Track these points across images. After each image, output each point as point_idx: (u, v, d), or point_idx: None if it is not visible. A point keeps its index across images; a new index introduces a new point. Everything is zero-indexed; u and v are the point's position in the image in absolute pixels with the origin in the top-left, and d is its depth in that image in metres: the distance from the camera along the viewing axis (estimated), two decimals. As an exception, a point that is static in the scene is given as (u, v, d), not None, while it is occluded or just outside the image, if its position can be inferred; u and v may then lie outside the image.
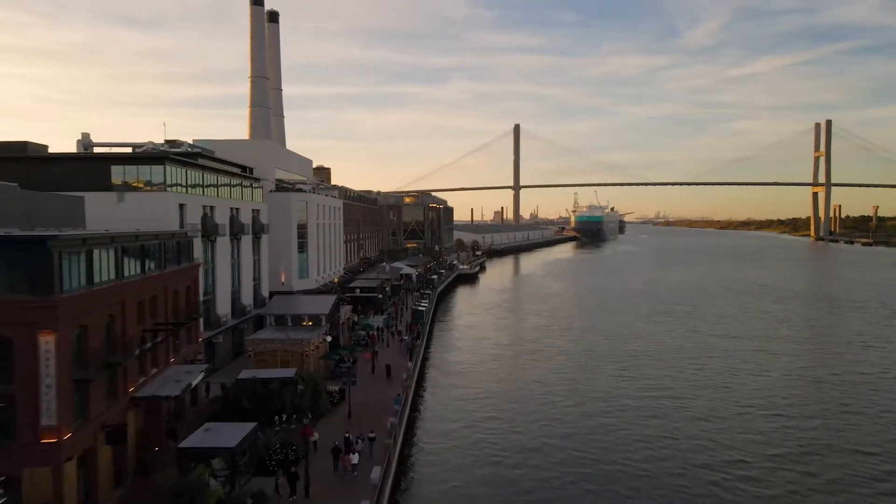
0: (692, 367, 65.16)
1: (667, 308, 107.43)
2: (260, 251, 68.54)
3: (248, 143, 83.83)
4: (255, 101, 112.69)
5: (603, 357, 69.92)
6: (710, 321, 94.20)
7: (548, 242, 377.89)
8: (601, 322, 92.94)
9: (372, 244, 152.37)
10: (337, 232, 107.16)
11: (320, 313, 56.00)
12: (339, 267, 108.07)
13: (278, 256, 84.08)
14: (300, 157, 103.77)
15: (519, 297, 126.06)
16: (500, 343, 78.81)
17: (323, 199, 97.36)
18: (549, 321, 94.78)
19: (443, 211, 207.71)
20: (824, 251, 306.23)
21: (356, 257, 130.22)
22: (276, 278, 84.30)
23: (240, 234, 60.76)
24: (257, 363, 50.08)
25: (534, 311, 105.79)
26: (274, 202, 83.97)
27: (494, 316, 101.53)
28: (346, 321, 67.76)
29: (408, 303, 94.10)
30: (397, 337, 70.32)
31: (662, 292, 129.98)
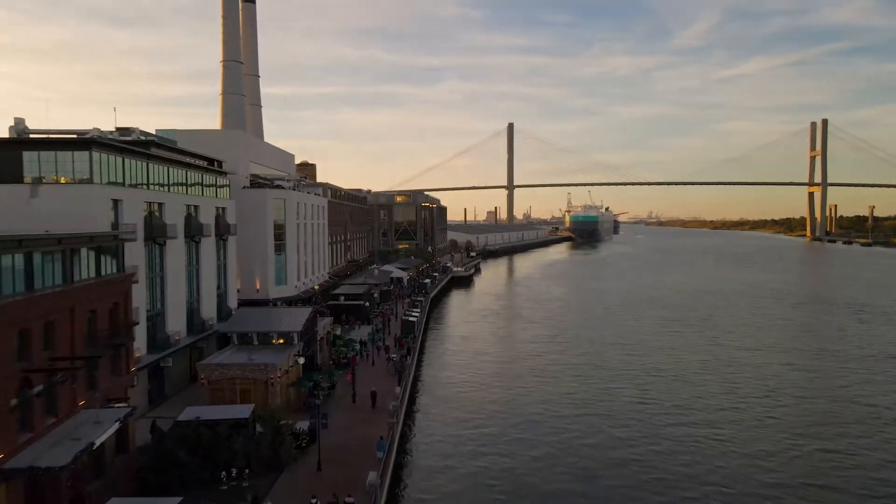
0: (723, 390, 56.69)
1: (679, 315, 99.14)
2: (226, 255, 59.57)
3: (217, 133, 74.93)
4: (228, 87, 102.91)
5: (619, 376, 61.34)
6: (729, 330, 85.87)
7: (542, 243, 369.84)
8: (610, 332, 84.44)
9: (361, 246, 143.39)
10: (321, 233, 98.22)
11: (292, 330, 47.10)
12: (323, 271, 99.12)
13: (252, 261, 75.13)
14: (280, 150, 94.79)
15: (517, 302, 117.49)
16: (501, 359, 70.10)
17: (305, 197, 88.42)
18: (553, 331, 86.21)
19: (436, 210, 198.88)
20: (824, 252, 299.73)
21: (343, 260, 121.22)
22: (249, 285, 75.33)
23: (199, 236, 51.77)
24: (211, 395, 41.17)
25: (535, 318, 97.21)
26: (247, 200, 75.01)
27: (492, 325, 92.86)
28: (326, 335, 58.90)
29: (398, 311, 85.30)
30: (384, 353, 61.49)
31: (670, 297, 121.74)
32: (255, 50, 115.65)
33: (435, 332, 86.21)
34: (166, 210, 46.12)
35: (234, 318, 49.64)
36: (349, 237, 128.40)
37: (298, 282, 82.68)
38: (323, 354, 56.99)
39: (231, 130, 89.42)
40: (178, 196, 48.95)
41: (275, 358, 43.59)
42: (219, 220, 57.39)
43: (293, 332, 47.02)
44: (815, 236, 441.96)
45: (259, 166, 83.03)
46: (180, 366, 46.68)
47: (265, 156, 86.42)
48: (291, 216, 79.84)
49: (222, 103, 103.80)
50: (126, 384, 34.60)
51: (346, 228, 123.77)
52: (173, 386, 46.28)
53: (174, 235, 46.08)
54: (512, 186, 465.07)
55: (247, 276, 75.04)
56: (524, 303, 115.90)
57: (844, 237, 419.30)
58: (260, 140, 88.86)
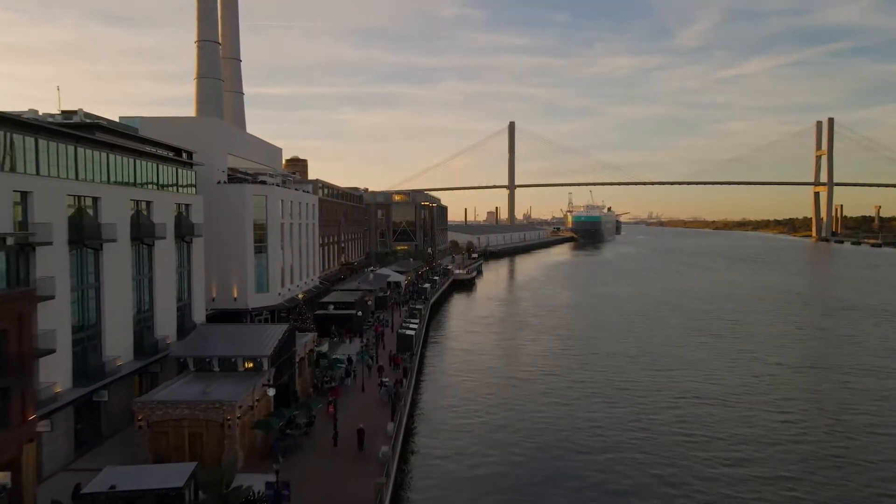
0: (777, 420, 47.92)
1: (703, 323, 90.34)
2: (190, 260, 50.69)
3: (187, 121, 66.18)
4: (203, 70, 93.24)
5: (650, 401, 52.51)
6: (764, 343, 77.05)
7: (544, 243, 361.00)
8: (631, 344, 75.65)
9: (356, 247, 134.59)
10: (310, 234, 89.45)
11: (260, 354, 38.26)
12: (312, 276, 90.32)
13: (229, 265, 66.39)
14: (265, 143, 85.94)
15: (523, 308, 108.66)
16: (511, 378, 61.21)
17: (291, 194, 79.65)
18: (566, 343, 77.40)
19: (436, 210, 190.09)
20: (834, 253, 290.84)
21: (336, 263, 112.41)
22: (226, 293, 66.59)
23: (151, 238, 42.93)
24: (152, 441, 32.35)
25: (544, 328, 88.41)
26: (223, 196, 66.26)
27: (498, 335, 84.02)
28: (309, 355, 50.08)
29: (394, 321, 76.47)
30: (377, 375, 52.66)
31: (689, 302, 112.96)
32: (235, 30, 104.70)
33: (435, 344, 77.37)
34: (104, 206, 37.29)
35: (190, 339, 40.75)
36: (343, 238, 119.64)
37: (283, 288, 73.91)
38: (304, 379, 48.19)
39: (204, 118, 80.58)
40: (120, 190, 40.07)
41: (236, 391, 34.77)
42: (180, 218, 48.52)
43: (262, 356, 38.19)
44: (822, 237, 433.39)
45: (239, 159, 74.20)
46: (123, 398, 37.84)
47: (246, 148, 77.60)
48: (274, 214, 71.07)
49: (197, 89, 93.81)
50: (21, 438, 25.81)
51: (339, 229, 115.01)
52: (113, 424, 37.45)
53: (112, 237, 37.21)
54: (513, 186, 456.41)
55: (223, 282, 66.31)
56: (531, 309, 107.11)
57: (852, 237, 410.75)
58: (240, 130, 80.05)
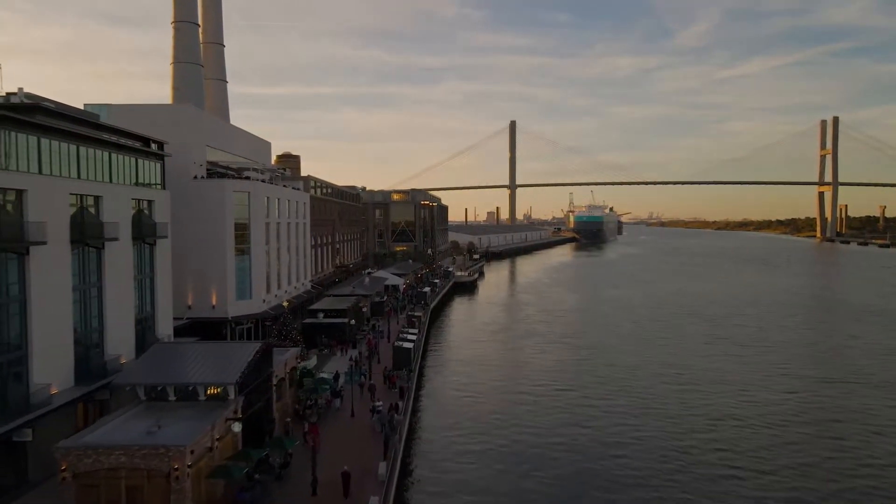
0: (829, 448, 41.20)
1: (725, 331, 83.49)
2: (154, 266, 43.88)
3: (160, 108, 59.39)
4: (180, 54, 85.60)
5: (685, 428, 45.76)
6: (796, 354, 70.24)
7: (546, 244, 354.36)
8: (651, 356, 68.88)
9: (353, 248, 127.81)
10: (301, 234, 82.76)
11: (224, 381, 31.47)
12: (303, 279, 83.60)
13: (207, 269, 59.74)
14: (250, 135, 79.17)
15: (530, 314, 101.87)
16: (521, 398, 54.36)
17: (278, 191, 72.95)
18: (578, 353, 70.65)
19: (436, 210, 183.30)
20: (843, 253, 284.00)
21: (330, 265, 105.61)
22: (204, 300, 59.90)
23: (98, 240, 36.16)
24: (80, 496, 25.58)
25: (554, 336, 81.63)
26: (200, 192, 59.59)
27: (505, 345, 77.20)
28: (290, 374, 43.30)
29: (390, 330, 69.66)
30: (368, 396, 45.86)
31: (705, 307, 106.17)
32: (217, 12, 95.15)
33: (435, 355, 70.55)
34: (33, 202, 30.52)
35: (143, 362, 33.85)
36: (338, 239, 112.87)
37: (268, 294, 67.17)
38: (284, 403, 41.41)
39: (178, 105, 73.81)
40: (56, 182, 33.28)
41: (192, 429, 28.00)
42: (140, 217, 41.74)
43: (227, 383, 31.39)
44: (827, 237, 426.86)
45: (220, 153, 67.51)
46: (60, 434, 31.01)
47: (229, 140, 70.85)
48: (258, 213, 64.36)
49: (173, 74, 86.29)
50: None
51: (333, 229, 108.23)
52: (45, 467, 30.63)
53: (42, 240, 30.38)
54: (514, 186, 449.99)
55: (200, 288, 59.63)
56: (537, 315, 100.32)
57: (858, 238, 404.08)
58: (222, 121, 73.33)
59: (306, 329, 63.61)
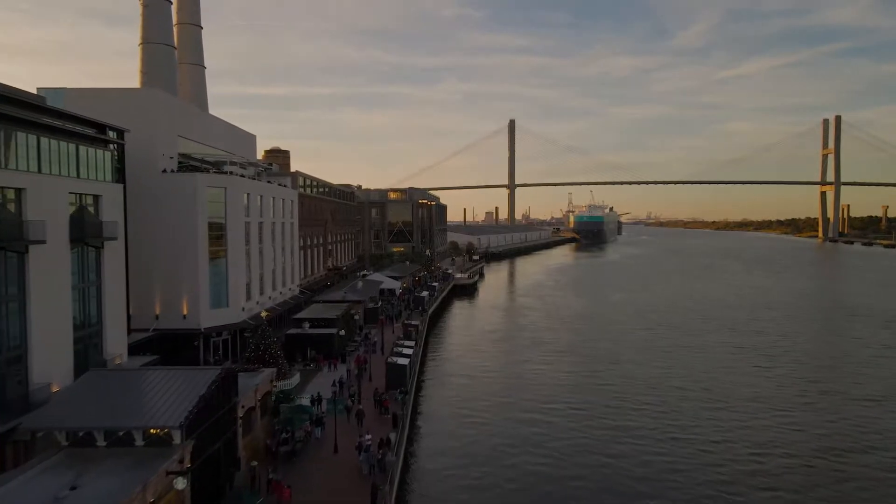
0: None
1: (747, 340, 76.92)
2: (101, 273, 37.21)
3: (123, 93, 52.70)
4: (150, 34, 77.97)
5: (727, 462, 39.28)
6: (833, 368, 63.79)
7: (546, 244, 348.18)
8: (672, 370, 62.43)
9: (347, 250, 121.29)
10: (288, 234, 76.28)
11: (165, 424, 24.89)
12: (290, 284, 77.07)
13: (176, 275, 53.18)
14: (231, 126, 72.49)
15: (534, 321, 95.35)
16: (531, 422, 47.75)
17: (260, 187, 66.43)
18: (591, 367, 64.14)
19: (435, 209, 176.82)
20: (849, 254, 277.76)
21: (321, 268, 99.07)
22: (174, 310, 53.34)
23: (20, 243, 29.56)
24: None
25: (562, 346, 75.12)
26: (168, 187, 53.02)
27: (509, 357, 70.58)
28: (262, 400, 36.75)
29: (384, 342, 62.99)
30: (356, 423, 39.31)
31: (721, 312, 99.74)
32: None
33: (434, 370, 63.94)
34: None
35: (67, 395, 27.21)
36: (331, 240, 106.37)
37: (248, 302, 60.60)
38: (254, 437, 34.83)
39: (144, 89, 66.88)
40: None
41: (116, 490, 21.44)
42: (82, 215, 35.13)
43: (170, 427, 24.81)
44: (829, 237, 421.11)
45: (195, 144, 60.93)
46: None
47: (206, 131, 64.22)
48: (237, 211, 57.79)
49: (141, 57, 78.85)
50: None
51: (325, 229, 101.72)
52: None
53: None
54: (513, 185, 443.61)
55: (169, 296, 53.06)
56: (542, 321, 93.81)
57: (862, 238, 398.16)
58: (198, 109, 66.72)
59: (290, 341, 56.97)
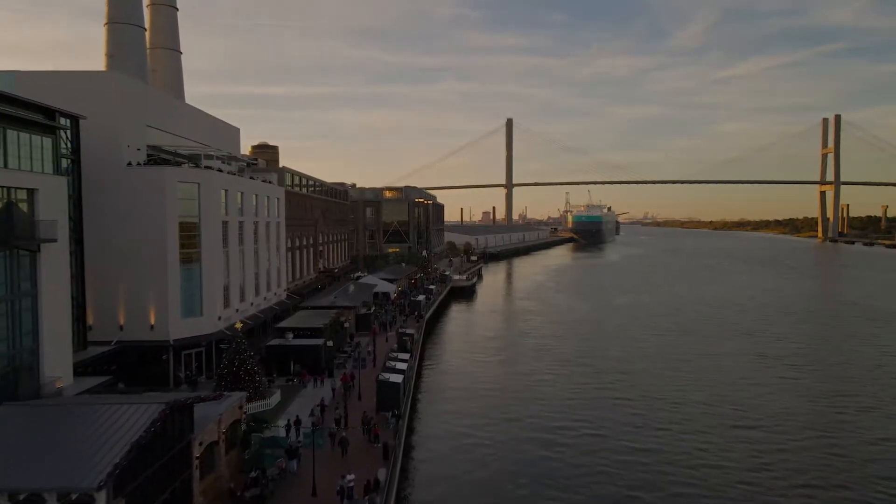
0: None
1: (768, 347, 71.40)
2: (38, 282, 31.41)
3: (81, 77, 46.87)
4: (116, 13, 71.15)
5: (772, 499, 33.78)
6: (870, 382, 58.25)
7: (544, 244, 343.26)
8: (694, 384, 56.85)
9: (339, 250, 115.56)
10: (274, 235, 70.56)
11: (82, 486, 19.14)
12: (277, 288, 71.34)
13: (142, 280, 47.48)
14: (209, 117, 66.62)
15: (538, 326, 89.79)
16: (543, 445, 42.24)
17: (243, 184, 60.70)
18: (604, 380, 58.56)
19: (431, 208, 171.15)
20: (852, 255, 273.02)
21: (312, 270, 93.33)
22: (140, 319, 47.63)
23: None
24: None
25: (569, 356, 69.54)
26: (133, 182, 47.31)
27: (513, 369, 64.82)
28: (226, 432, 31.03)
29: (376, 353, 57.17)
30: (339, 454, 33.64)
31: (735, 317, 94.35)
32: None
33: (431, 385, 58.16)
34: None
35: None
36: (322, 240, 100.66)
37: (227, 309, 54.83)
38: (217, 477, 29.11)
39: (106, 72, 61.06)
40: None
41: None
42: (11, 213, 29.38)
43: (89, 488, 19.06)
44: (829, 237, 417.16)
45: (169, 135, 55.16)
46: None
47: (180, 121, 58.39)
48: (212, 209, 51.99)
49: (106, 37, 72.74)
50: None
51: (316, 229, 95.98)
52: None
53: None
54: (511, 185, 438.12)
55: (136, 304, 47.30)
56: (546, 327, 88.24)
57: (863, 238, 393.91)
58: (171, 97, 60.90)
59: (271, 354, 51.18)
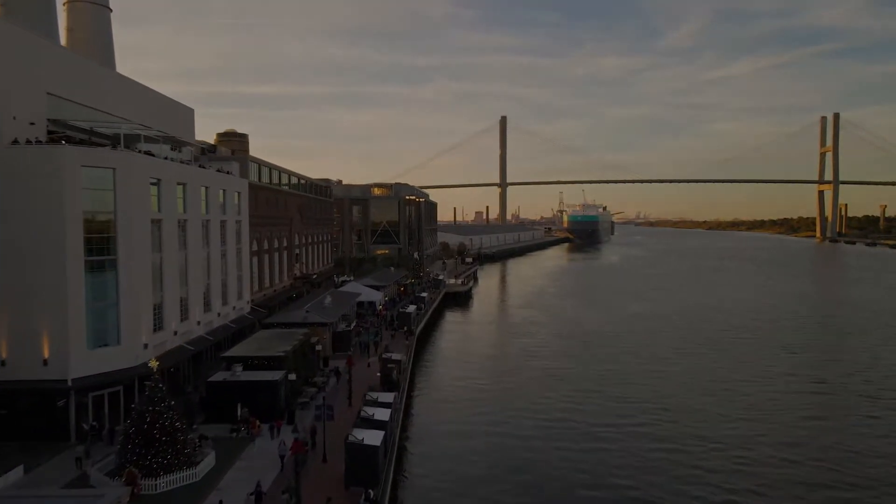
0: None
1: (826, 374, 59.73)
2: None
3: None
4: None
5: None
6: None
7: (539, 245, 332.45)
8: (755, 426, 45.15)
9: (321, 253, 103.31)
10: (233, 236, 58.44)
11: None
12: (238, 300, 59.18)
13: (30, 296, 35.21)
14: (151, 92, 54.23)
15: (544, 342, 77.92)
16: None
17: (186, 172, 48.51)
18: (634, 418, 46.75)
19: (424, 206, 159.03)
20: (857, 255, 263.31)
21: (286, 277, 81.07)
22: (28, 352, 35.33)
23: None
24: None
25: (587, 383, 57.65)
26: (18, 165, 35.04)
27: (522, 402, 52.52)
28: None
29: (352, 389, 44.72)
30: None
31: (764, 328, 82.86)
32: None
33: (421, 430, 45.98)
34: None
35: None
36: (299, 242, 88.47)
37: (159, 333, 42.58)
38: None
39: None
40: None
41: None
42: None
43: None
44: (829, 237, 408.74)
45: (86, 109, 42.89)
46: None
47: (104, 93, 46.00)
48: (135, 202, 39.72)
49: None
50: None
51: (291, 229, 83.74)
52: None
53: None
54: (505, 184, 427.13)
55: (23, 329, 35.03)
56: (555, 343, 76.39)
57: (865, 238, 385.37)
58: (90, 62, 48.42)
59: (212, 394, 38.87)
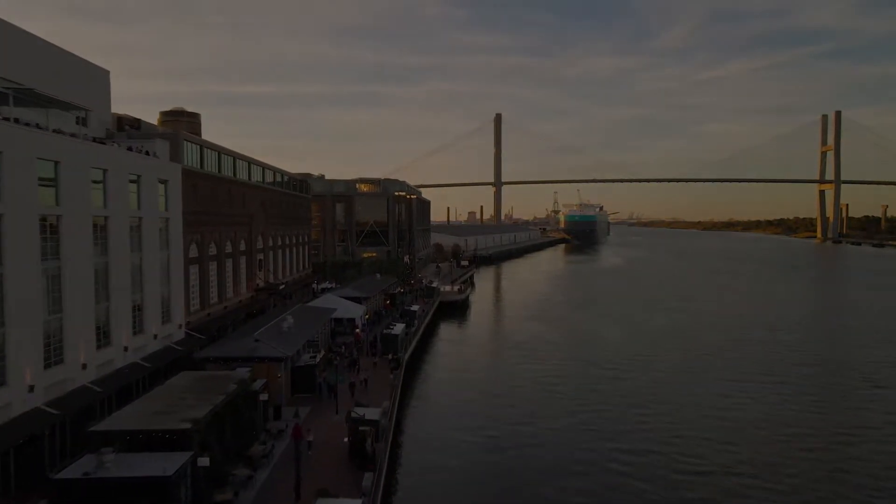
0: None
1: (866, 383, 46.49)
2: None
3: None
4: None
5: None
6: None
7: (537, 245, 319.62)
8: (840, 489, 31.39)
9: (293, 259, 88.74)
10: (154, 237, 43.87)
11: None
12: (162, 325, 44.69)
13: None
14: (51, 47, 39.80)
15: (561, 368, 63.80)
16: None
17: (66, 147, 33.93)
18: (702, 491, 32.90)
19: (415, 204, 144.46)
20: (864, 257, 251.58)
21: (242, 289, 66.49)
22: None
23: None
24: None
25: (624, 432, 43.61)
26: None
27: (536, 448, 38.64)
28: None
29: (300, 474, 30.39)
30: None
31: (799, 340, 69.51)
32: None
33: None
34: None
35: None
36: (264, 245, 73.99)
37: (26, 380, 28.10)
38: None
39: None
40: None
41: None
42: None
43: None
44: (832, 238, 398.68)
45: None
46: None
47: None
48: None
49: None
50: None
51: (251, 229, 69.18)
52: None
53: None
54: (500, 183, 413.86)
55: None
56: (574, 370, 62.13)
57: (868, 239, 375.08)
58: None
59: (65, 497, 24.14)
